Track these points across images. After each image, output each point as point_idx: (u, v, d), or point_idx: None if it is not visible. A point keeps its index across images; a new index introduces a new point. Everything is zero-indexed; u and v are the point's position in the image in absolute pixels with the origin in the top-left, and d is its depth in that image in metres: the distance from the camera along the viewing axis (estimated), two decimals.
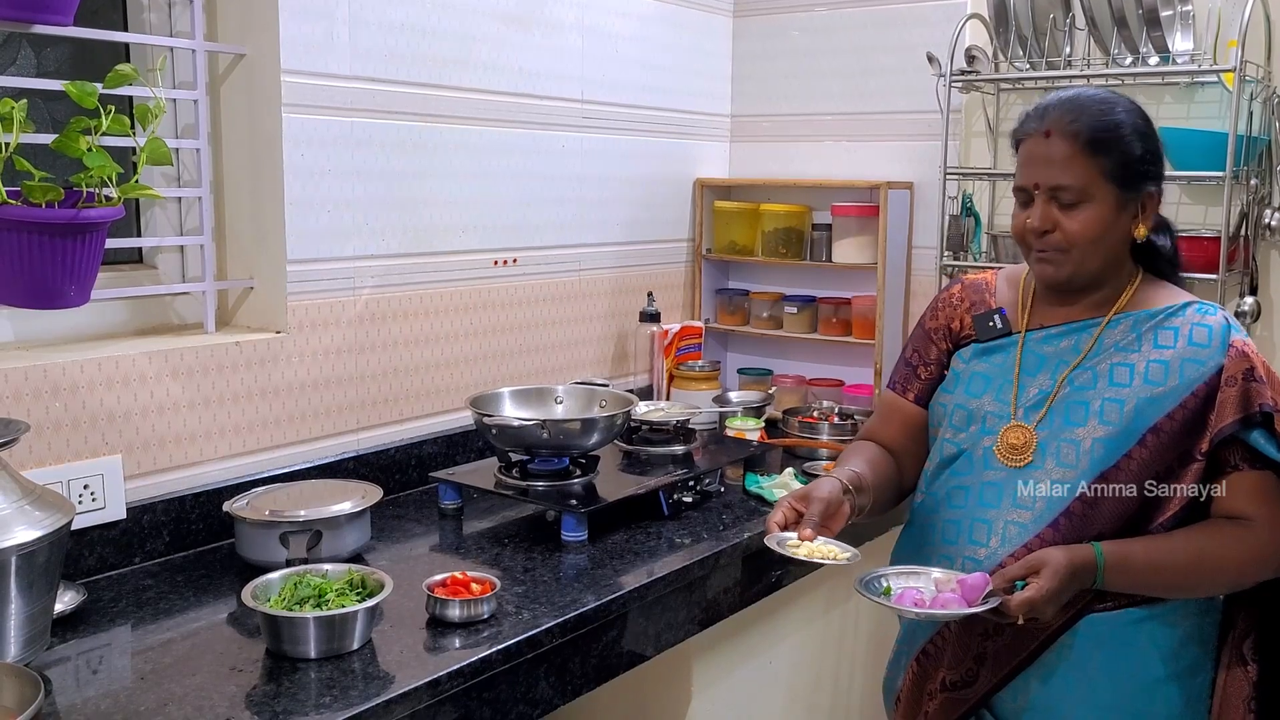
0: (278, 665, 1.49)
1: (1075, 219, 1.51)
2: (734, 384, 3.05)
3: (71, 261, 1.67)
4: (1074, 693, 1.53)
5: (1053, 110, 1.54)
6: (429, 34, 2.26)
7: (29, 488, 1.46)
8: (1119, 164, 1.51)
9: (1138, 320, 1.56)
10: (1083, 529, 1.51)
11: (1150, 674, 1.52)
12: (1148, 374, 1.51)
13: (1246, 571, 1.51)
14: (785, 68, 3.04)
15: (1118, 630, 1.51)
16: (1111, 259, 1.56)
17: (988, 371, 1.63)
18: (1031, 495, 1.54)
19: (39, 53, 1.94)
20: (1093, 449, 1.51)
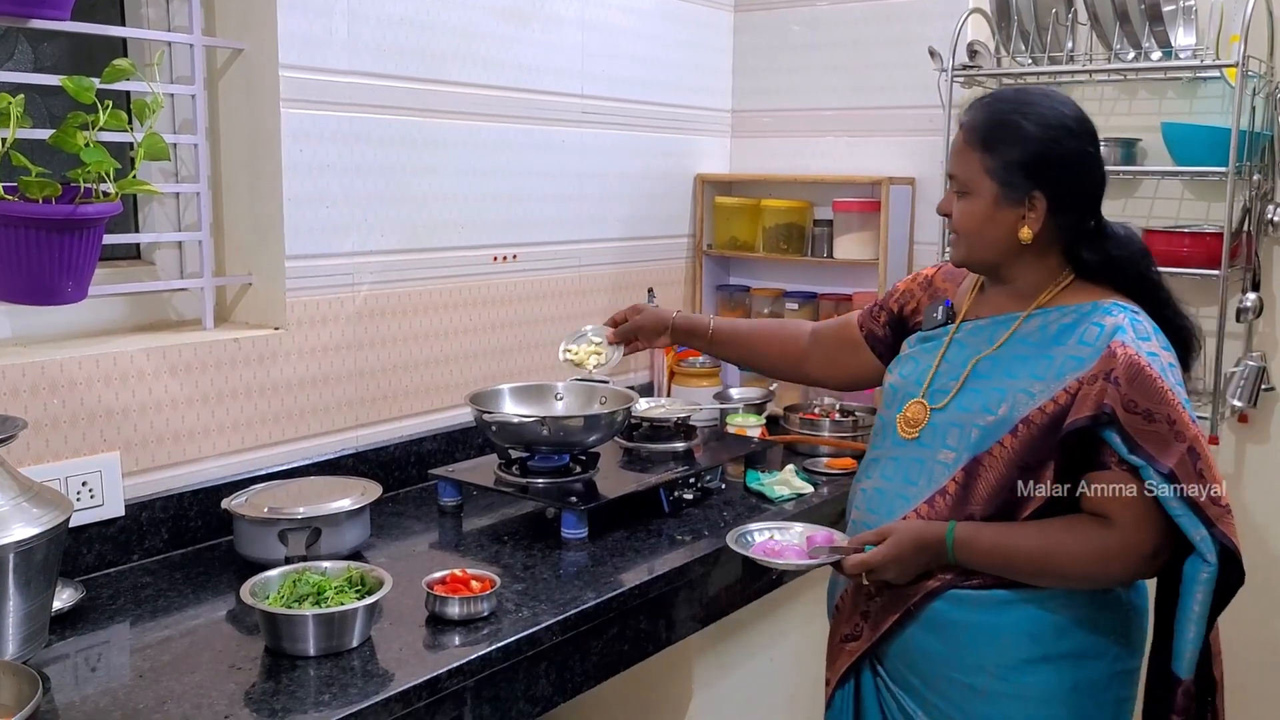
0: (277, 663, 1.48)
1: (960, 208, 1.62)
2: (735, 380, 3.04)
3: (69, 257, 1.67)
4: (940, 652, 1.61)
5: (971, 106, 1.65)
6: (428, 28, 2.25)
7: (27, 485, 1.45)
8: (1002, 163, 1.57)
9: (1049, 317, 1.60)
10: (956, 509, 1.59)
11: (1019, 652, 1.57)
12: (1035, 367, 1.57)
13: (1097, 569, 1.53)
14: (786, 62, 3.03)
15: (982, 606, 1.58)
16: (1006, 254, 1.61)
17: (919, 355, 1.74)
18: (918, 472, 1.64)
19: (36, 47, 1.93)
20: (971, 433, 1.59)
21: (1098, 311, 1.56)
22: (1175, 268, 2.38)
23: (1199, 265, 2.36)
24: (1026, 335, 1.61)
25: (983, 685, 1.59)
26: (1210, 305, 2.47)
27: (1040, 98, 1.62)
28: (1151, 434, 1.47)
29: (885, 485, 1.69)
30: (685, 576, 1.89)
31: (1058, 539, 1.54)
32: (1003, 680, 1.58)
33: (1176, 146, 2.42)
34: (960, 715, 1.61)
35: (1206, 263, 2.35)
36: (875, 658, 1.70)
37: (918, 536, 1.58)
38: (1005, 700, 1.58)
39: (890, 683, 1.68)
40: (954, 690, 1.61)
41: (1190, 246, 2.38)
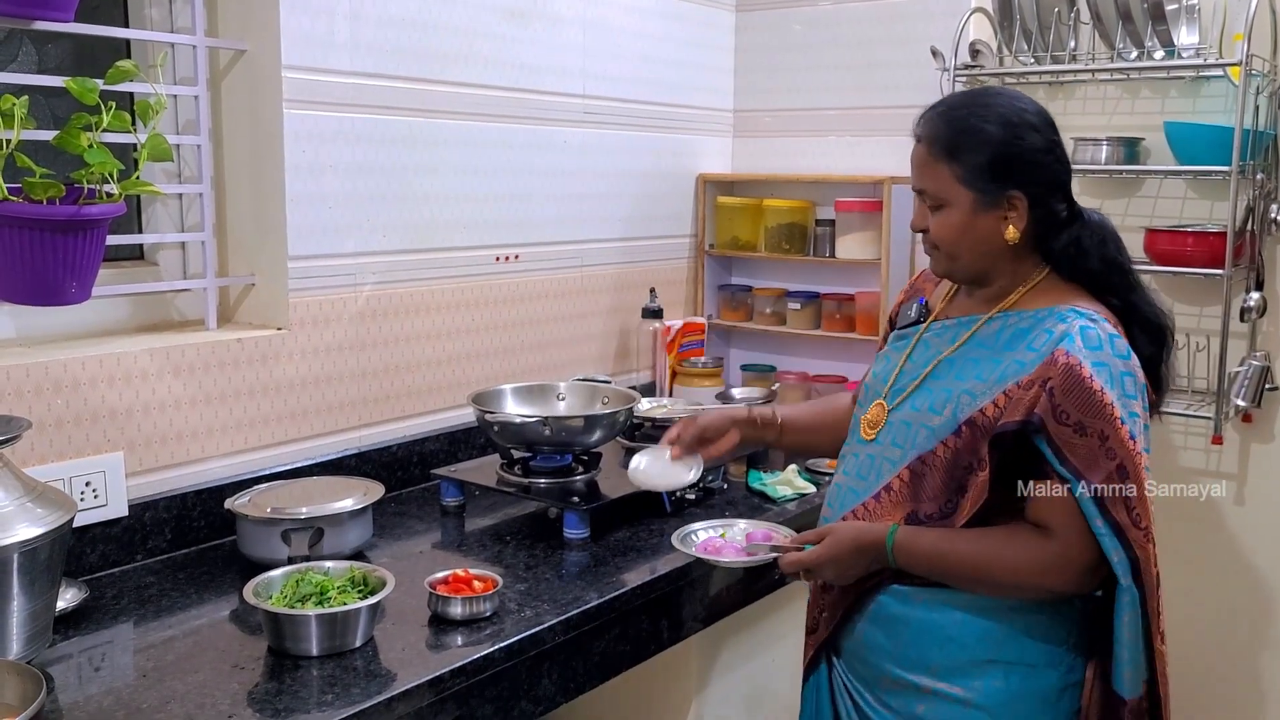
0: (280, 663, 1.49)
1: (937, 221, 1.58)
2: (737, 380, 3.04)
3: (73, 258, 1.67)
4: (885, 647, 1.61)
5: (924, 117, 1.60)
6: (430, 29, 2.25)
7: (31, 485, 1.46)
8: (972, 169, 1.54)
9: (1007, 321, 1.58)
10: (899, 505, 1.58)
11: (966, 654, 1.55)
12: (981, 370, 1.55)
13: (1034, 580, 1.50)
14: (788, 62, 3.03)
15: (927, 604, 1.57)
16: (991, 257, 1.58)
17: (890, 354, 1.73)
18: (869, 468, 1.64)
19: (40, 49, 1.94)
20: (918, 432, 1.58)
21: (1052, 317, 1.52)
22: (1179, 267, 2.38)
23: (1203, 265, 2.35)
24: (984, 338, 1.59)
25: (926, 684, 1.57)
26: (1214, 305, 2.47)
27: (994, 96, 1.60)
28: (1081, 447, 1.44)
29: (843, 480, 1.69)
30: (687, 577, 1.89)
31: (996, 547, 1.51)
32: (947, 681, 1.55)
33: (1180, 146, 2.42)
34: (910, 712, 1.58)
35: (1210, 262, 2.35)
36: (833, 650, 1.71)
37: (856, 538, 1.58)
38: (949, 703, 1.55)
39: (846, 676, 1.68)
40: (901, 688, 1.59)
41: (1194, 246, 2.38)
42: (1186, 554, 2.56)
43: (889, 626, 1.60)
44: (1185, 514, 2.56)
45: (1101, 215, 1.64)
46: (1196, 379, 2.50)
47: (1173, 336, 1.61)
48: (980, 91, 1.66)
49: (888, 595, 1.60)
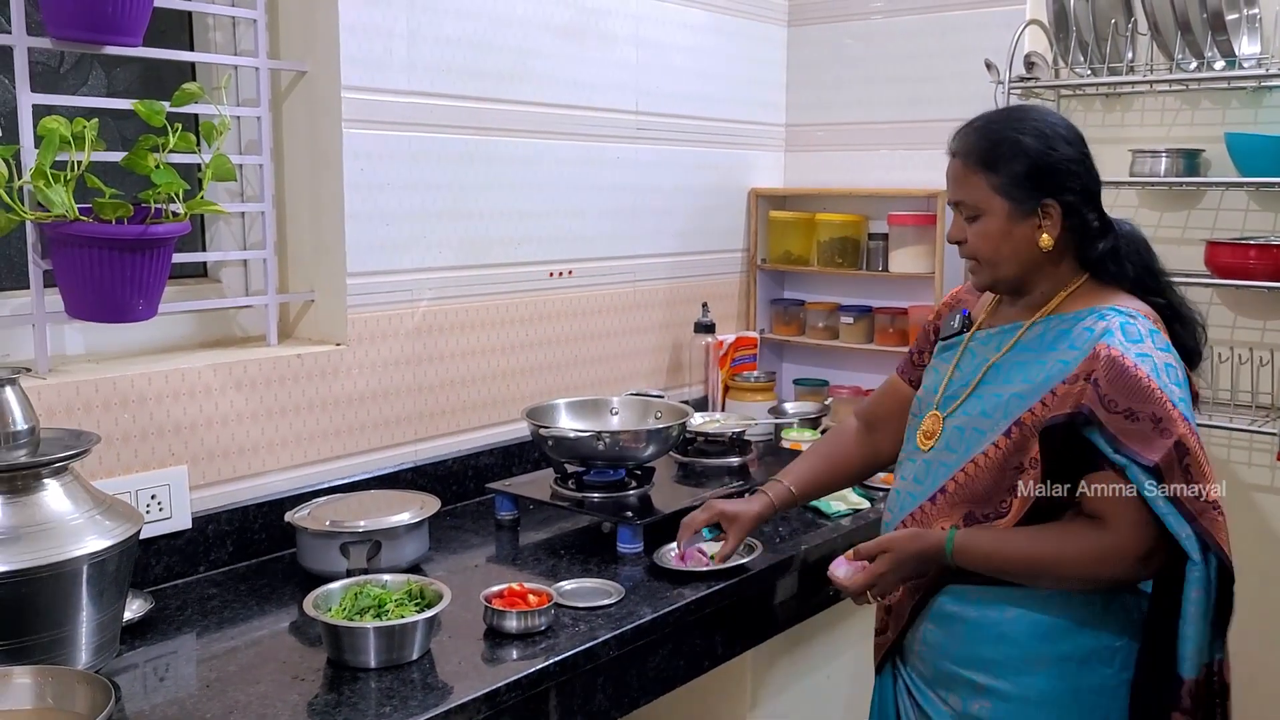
0: (338, 674, 1.51)
1: (974, 231, 1.64)
2: (790, 395, 3.03)
3: (140, 276, 1.72)
4: (944, 645, 1.66)
5: (959, 133, 1.68)
6: (485, 48, 2.28)
7: (100, 498, 1.50)
8: (1008, 179, 1.60)
9: (1050, 324, 1.64)
10: (956, 507, 1.64)
11: (1020, 651, 1.59)
12: (1029, 373, 1.61)
13: (1091, 571, 1.55)
14: (840, 76, 3.03)
15: (983, 601, 1.62)
16: (1027, 266, 1.64)
17: (938, 365, 1.79)
18: (925, 473, 1.70)
19: (109, 73, 1.99)
20: (971, 436, 1.64)
21: (1092, 316, 1.58)
22: (1241, 280, 2.34)
23: (1265, 278, 2.31)
24: (1029, 342, 1.64)
25: (982, 682, 1.62)
26: (1277, 318, 2.42)
27: (1028, 111, 1.68)
28: (1135, 432, 1.48)
29: (902, 486, 1.76)
30: (741, 592, 1.89)
31: (1053, 543, 1.56)
32: (1002, 679, 1.60)
33: (1241, 157, 2.38)
34: (966, 711, 1.63)
35: (1274, 275, 2.30)
36: (897, 653, 1.77)
37: (918, 549, 1.62)
38: (1004, 700, 1.60)
39: (908, 676, 1.74)
40: (958, 685, 1.65)
41: (1257, 258, 2.33)
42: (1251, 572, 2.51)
43: (947, 625, 1.66)
44: (1251, 531, 2.51)
45: (1133, 225, 1.70)
46: (1261, 394, 2.45)
47: (1205, 336, 1.69)
48: (1013, 108, 1.73)
49: (945, 595, 1.65)
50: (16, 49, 1.70)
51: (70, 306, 1.73)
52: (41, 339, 1.75)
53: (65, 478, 1.46)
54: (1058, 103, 2.66)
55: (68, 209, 1.64)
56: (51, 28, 1.71)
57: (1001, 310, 1.74)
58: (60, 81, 1.93)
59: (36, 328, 1.75)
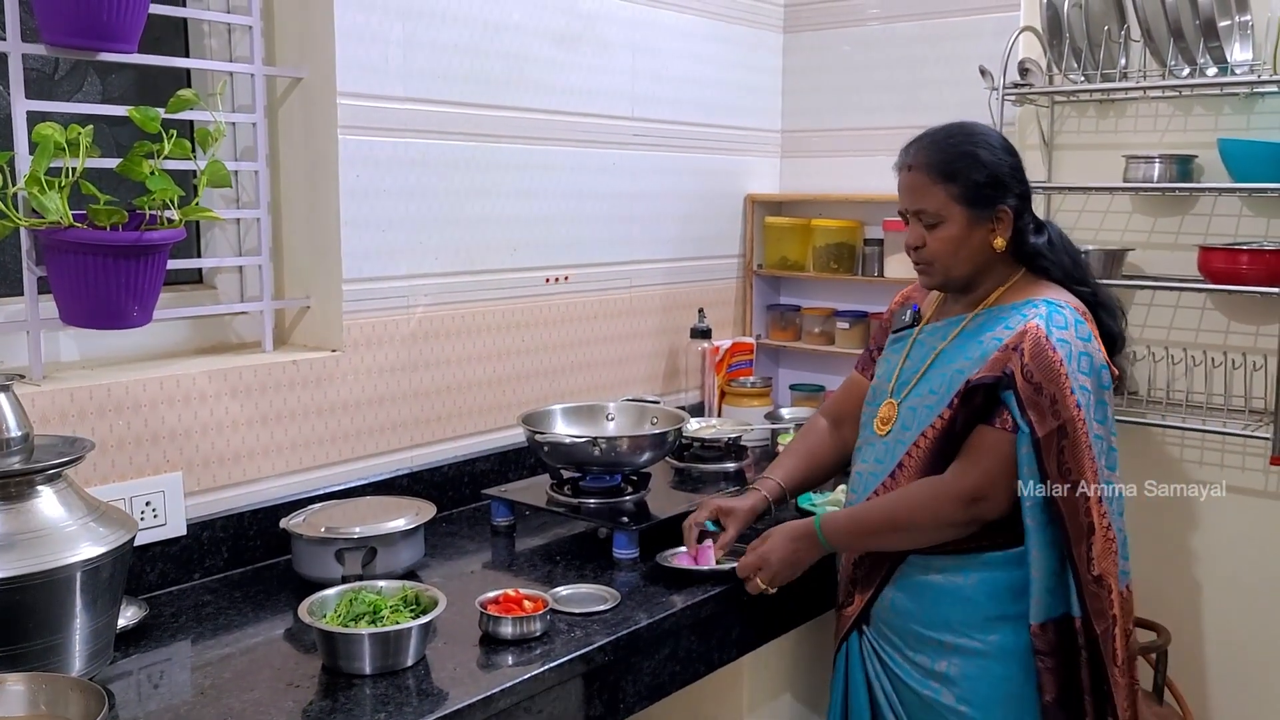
0: (334, 681, 1.51)
1: (934, 237, 1.81)
2: (786, 400, 3.03)
3: (135, 282, 1.71)
4: (912, 610, 1.83)
5: (912, 147, 1.85)
6: (480, 55, 2.28)
7: (94, 505, 1.49)
8: (966, 189, 1.79)
9: (991, 314, 1.83)
10: (910, 478, 1.81)
11: (980, 612, 1.77)
12: (968, 350, 1.80)
13: (930, 514, 1.76)
14: (836, 82, 3.03)
15: (946, 569, 1.79)
16: (979, 265, 1.83)
17: (890, 357, 1.97)
18: (885, 453, 1.87)
19: (104, 79, 1.99)
20: (922, 413, 1.82)
21: (1028, 305, 1.79)
22: (1234, 285, 2.34)
23: (1258, 283, 2.31)
24: (971, 330, 1.83)
25: (950, 641, 1.79)
26: (1270, 324, 2.43)
27: (971, 126, 1.86)
28: (1036, 404, 1.70)
29: (863, 469, 1.91)
30: (737, 597, 1.89)
31: (899, 495, 1.80)
32: (967, 638, 1.78)
33: (1234, 163, 2.38)
34: (934, 669, 1.80)
35: (1266, 280, 2.30)
36: (863, 620, 1.90)
37: (789, 531, 1.85)
38: (970, 656, 1.78)
39: (875, 641, 1.89)
40: (927, 647, 1.81)
41: (1249, 264, 2.33)
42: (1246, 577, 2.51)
43: (914, 591, 1.82)
44: (1244, 535, 2.52)
45: (1058, 226, 1.93)
46: (1254, 399, 2.46)
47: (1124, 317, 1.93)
48: (957, 124, 1.88)
49: (909, 565, 1.83)
50: (11, 55, 1.71)
51: (65, 313, 1.73)
52: (35, 345, 1.75)
53: (59, 484, 1.46)
54: (1051, 109, 2.67)
55: (62, 215, 1.64)
56: (46, 34, 1.71)
57: (946, 306, 1.93)
58: (55, 88, 1.93)
59: (30, 334, 1.75)
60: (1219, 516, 2.53)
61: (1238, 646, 2.55)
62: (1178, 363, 2.49)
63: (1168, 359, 2.49)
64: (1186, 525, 2.57)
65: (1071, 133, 2.67)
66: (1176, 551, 2.58)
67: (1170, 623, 2.45)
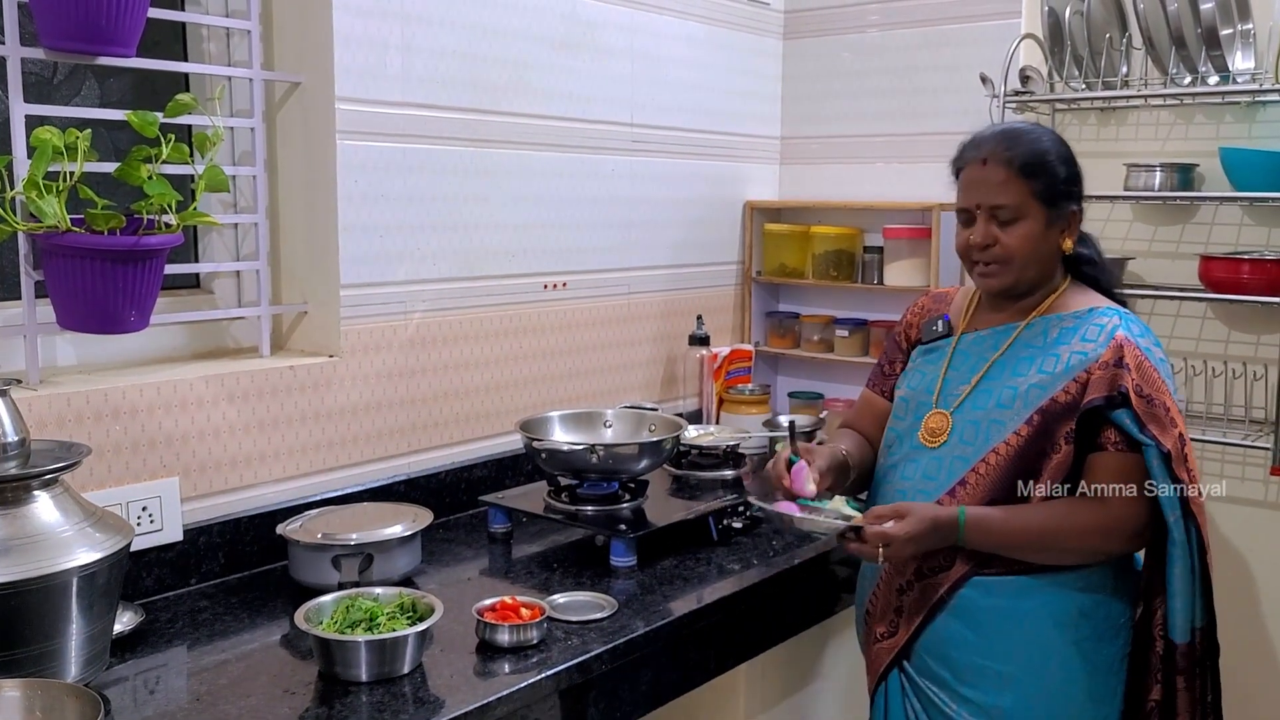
0: (330, 688, 1.50)
1: (1012, 234, 1.73)
2: (784, 407, 3.03)
3: (132, 287, 1.71)
4: (970, 640, 1.71)
5: (988, 141, 1.76)
6: (480, 60, 2.28)
7: (90, 510, 1.49)
8: (1047, 186, 1.72)
9: (1049, 322, 1.76)
10: (974, 498, 1.71)
11: (1044, 637, 1.69)
12: (1042, 364, 1.72)
13: (1095, 544, 1.68)
14: (836, 89, 3.03)
15: (1007, 592, 1.70)
16: (1047, 268, 1.78)
17: (923, 368, 1.87)
18: (938, 469, 1.76)
19: (102, 83, 1.99)
20: (988, 428, 1.72)
21: (1094, 314, 1.73)
22: (1235, 295, 2.34)
23: (1259, 292, 2.31)
24: (1029, 339, 1.76)
25: (1011, 671, 1.69)
26: (1271, 333, 2.43)
27: (1038, 127, 1.82)
28: (1153, 418, 1.63)
29: (905, 485, 1.78)
30: (734, 606, 1.88)
31: (1061, 516, 1.67)
32: (1028, 665, 1.69)
33: (1235, 172, 2.38)
34: (989, 702, 1.70)
35: (1267, 290, 2.30)
36: (902, 655, 1.79)
37: (934, 516, 1.67)
38: (1029, 685, 1.68)
39: (918, 677, 1.77)
40: (983, 678, 1.70)
41: (1250, 273, 2.33)
42: (1246, 586, 2.51)
43: (972, 619, 1.71)
44: (1244, 545, 2.51)
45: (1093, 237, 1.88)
46: (1255, 409, 2.45)
47: None
48: (1023, 124, 1.85)
49: (971, 589, 1.71)
50: (10, 59, 1.70)
51: (62, 317, 1.73)
52: (33, 350, 1.75)
53: (55, 490, 1.46)
54: (1052, 116, 2.67)
55: (60, 220, 1.64)
56: (45, 38, 1.71)
57: (982, 315, 1.84)
58: (53, 92, 1.93)
59: (28, 339, 1.75)
60: (1219, 526, 2.52)
61: (1238, 657, 2.53)
62: (1178, 372, 2.48)
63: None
64: None
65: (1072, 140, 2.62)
66: None
67: None
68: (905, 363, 1.93)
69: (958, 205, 1.79)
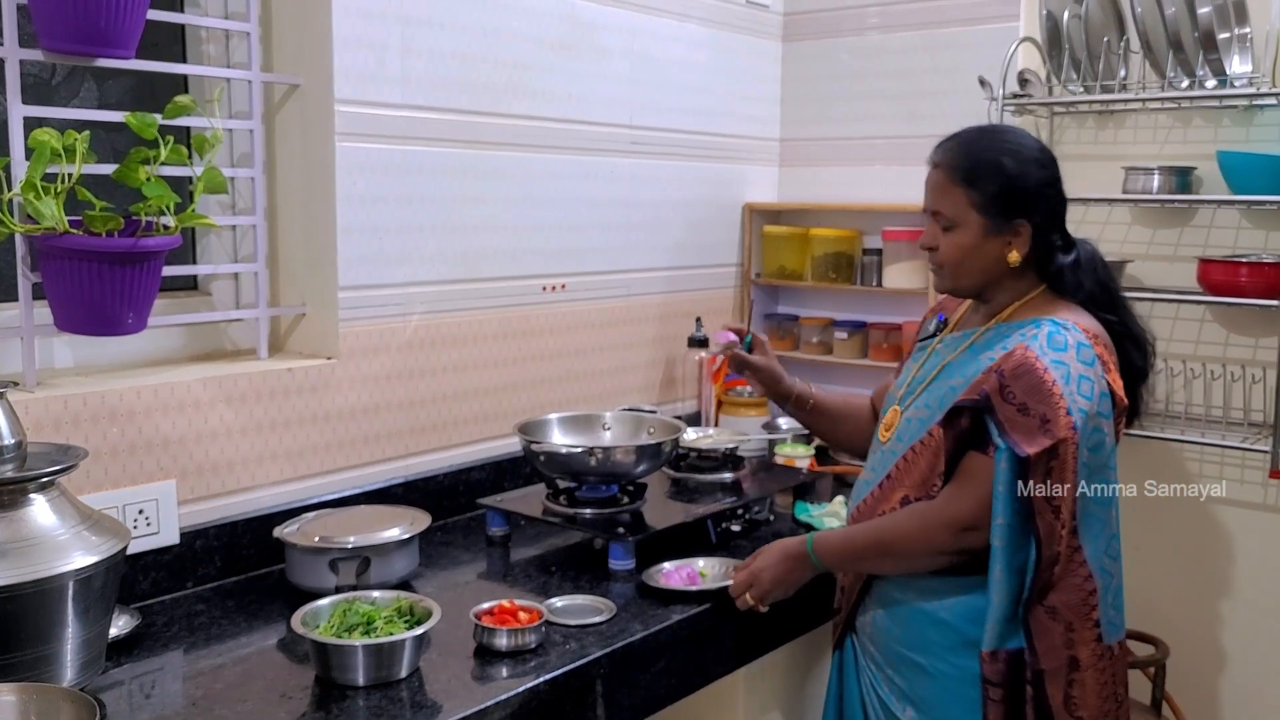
0: (327, 692, 1.50)
1: (949, 241, 1.76)
2: None
3: (130, 289, 1.71)
4: (894, 631, 1.78)
5: (944, 146, 1.79)
6: (479, 62, 2.28)
7: (87, 513, 1.48)
8: (986, 197, 1.72)
9: (1001, 329, 1.76)
10: (894, 491, 1.77)
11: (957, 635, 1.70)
12: (966, 369, 1.74)
13: (923, 541, 1.70)
14: (835, 91, 3.03)
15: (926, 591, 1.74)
16: (991, 277, 1.77)
17: (909, 365, 1.92)
18: (880, 462, 1.83)
19: (101, 85, 1.98)
20: (915, 425, 1.77)
21: (1033, 325, 1.71)
22: (1233, 298, 2.34)
23: (1257, 295, 2.31)
24: (978, 345, 1.77)
25: (928, 665, 1.73)
26: (1269, 336, 2.43)
27: (1007, 132, 1.82)
28: (1021, 424, 1.62)
29: (862, 476, 1.89)
30: (732, 609, 1.88)
31: (890, 521, 1.74)
32: (944, 661, 1.72)
33: (1233, 175, 2.38)
34: (910, 691, 1.75)
35: (1265, 293, 2.30)
36: (852, 629, 1.89)
37: (782, 549, 1.81)
38: (945, 680, 1.72)
39: (862, 656, 1.86)
40: (906, 668, 1.76)
41: (1248, 277, 2.33)
42: (1244, 590, 2.51)
43: (893, 610, 1.78)
44: (1243, 549, 2.51)
45: (1093, 245, 1.84)
46: (1253, 412, 2.45)
47: (1154, 354, 1.83)
48: (993, 128, 1.83)
49: (890, 583, 1.79)
50: (8, 61, 1.70)
51: (59, 319, 1.72)
52: (29, 352, 1.74)
53: (52, 493, 1.45)
54: (1050, 119, 2.67)
55: (58, 221, 1.64)
56: (44, 40, 1.70)
57: (969, 316, 1.87)
58: (52, 93, 1.92)
59: (25, 341, 1.74)
60: (1217, 529, 2.52)
61: (1237, 660, 2.54)
62: (1176, 375, 2.48)
63: (1166, 371, 2.48)
64: (1185, 537, 2.56)
65: (1071, 144, 2.67)
66: (1175, 564, 2.58)
67: (1169, 636, 2.44)
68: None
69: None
